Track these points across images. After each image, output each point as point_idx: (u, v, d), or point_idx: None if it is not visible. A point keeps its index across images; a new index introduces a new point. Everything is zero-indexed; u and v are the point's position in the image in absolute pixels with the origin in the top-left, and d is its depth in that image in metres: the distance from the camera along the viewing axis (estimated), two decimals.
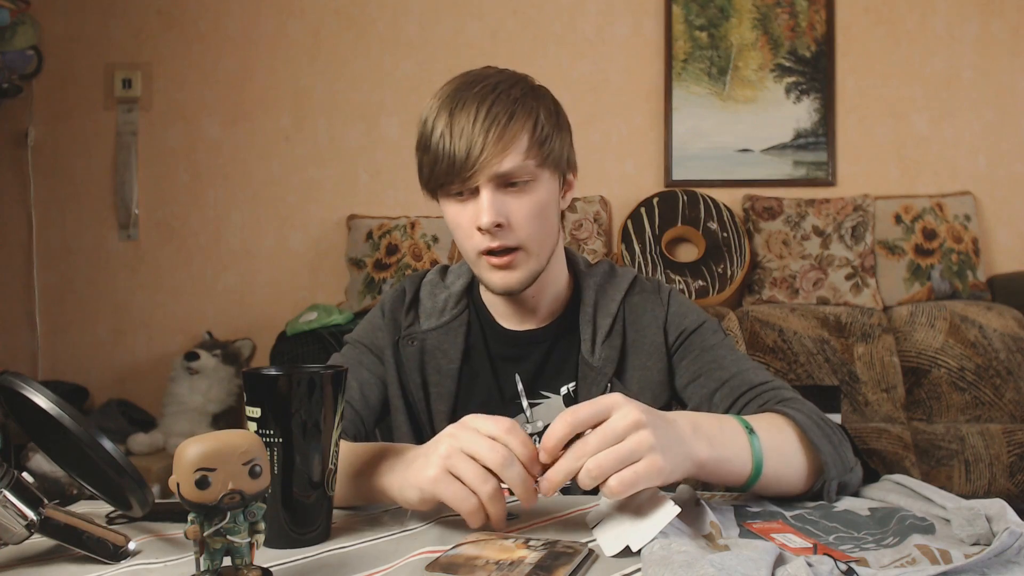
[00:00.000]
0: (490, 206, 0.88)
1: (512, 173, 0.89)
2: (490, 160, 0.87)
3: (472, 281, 1.06)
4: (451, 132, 0.88)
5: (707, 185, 2.85)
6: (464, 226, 0.92)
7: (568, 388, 1.00)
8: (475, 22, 2.97)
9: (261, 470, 0.55)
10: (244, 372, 0.69)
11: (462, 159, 0.87)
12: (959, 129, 2.83)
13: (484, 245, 0.91)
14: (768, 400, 0.90)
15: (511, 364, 1.01)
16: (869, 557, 0.61)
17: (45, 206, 3.06)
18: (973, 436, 2.24)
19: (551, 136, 0.92)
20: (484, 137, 0.86)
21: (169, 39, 3.04)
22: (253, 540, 0.55)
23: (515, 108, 0.89)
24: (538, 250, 0.93)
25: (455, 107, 0.89)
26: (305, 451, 0.68)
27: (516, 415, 1.00)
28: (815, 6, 2.85)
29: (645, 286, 1.04)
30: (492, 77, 0.92)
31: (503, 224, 0.89)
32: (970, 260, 2.66)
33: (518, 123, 0.88)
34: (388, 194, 2.98)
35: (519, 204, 0.90)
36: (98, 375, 3.00)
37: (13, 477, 0.62)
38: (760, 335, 2.44)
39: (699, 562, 0.55)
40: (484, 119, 0.87)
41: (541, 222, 0.92)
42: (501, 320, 1.03)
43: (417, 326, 1.02)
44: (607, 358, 0.98)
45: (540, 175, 0.91)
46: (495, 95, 0.89)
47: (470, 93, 0.89)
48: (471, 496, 0.65)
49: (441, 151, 0.89)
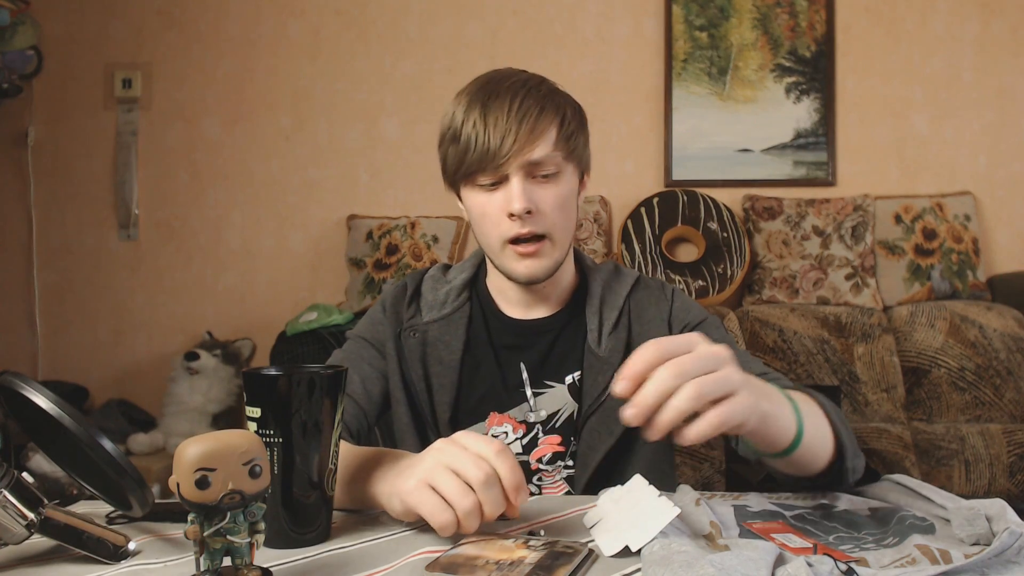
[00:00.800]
0: (521, 193, 0.92)
1: (542, 162, 0.93)
2: (522, 148, 0.91)
3: (476, 274, 1.08)
4: (485, 122, 0.92)
5: (707, 185, 2.85)
6: (492, 215, 0.95)
7: (573, 377, 1.01)
8: (475, 22, 2.97)
9: (261, 470, 0.55)
10: (244, 372, 0.69)
11: (496, 147, 0.91)
12: (959, 129, 2.83)
13: (513, 232, 0.94)
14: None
15: (516, 353, 1.03)
16: (869, 557, 0.61)
17: (45, 206, 3.06)
18: (973, 436, 2.24)
19: (576, 133, 0.97)
20: (518, 127, 0.91)
21: (169, 39, 3.04)
22: (253, 540, 0.55)
23: (545, 103, 0.93)
24: (562, 240, 0.97)
25: (488, 99, 0.93)
26: (305, 451, 0.68)
27: (519, 403, 1.01)
28: (815, 6, 2.85)
29: (649, 283, 1.07)
30: (519, 75, 0.97)
31: (532, 211, 0.93)
32: (970, 260, 2.66)
33: (548, 116, 0.93)
34: (388, 194, 2.98)
35: (546, 193, 0.94)
36: (98, 375, 3.00)
37: (13, 477, 0.62)
38: (760, 335, 2.44)
39: (699, 562, 0.55)
40: (518, 110, 0.91)
41: (565, 213, 0.96)
42: (508, 309, 1.05)
43: (419, 318, 1.04)
44: (614, 348, 1.00)
45: (565, 168, 0.96)
46: (526, 90, 0.93)
47: (502, 87, 0.94)
48: (447, 510, 0.64)
49: (474, 140, 0.92)
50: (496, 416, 1.01)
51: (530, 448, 1.00)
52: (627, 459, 0.99)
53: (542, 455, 1.00)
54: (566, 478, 1.00)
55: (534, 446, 1.00)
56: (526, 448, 1.00)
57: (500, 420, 1.00)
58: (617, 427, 0.96)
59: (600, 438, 0.97)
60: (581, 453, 0.98)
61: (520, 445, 1.00)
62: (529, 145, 0.91)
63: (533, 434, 1.00)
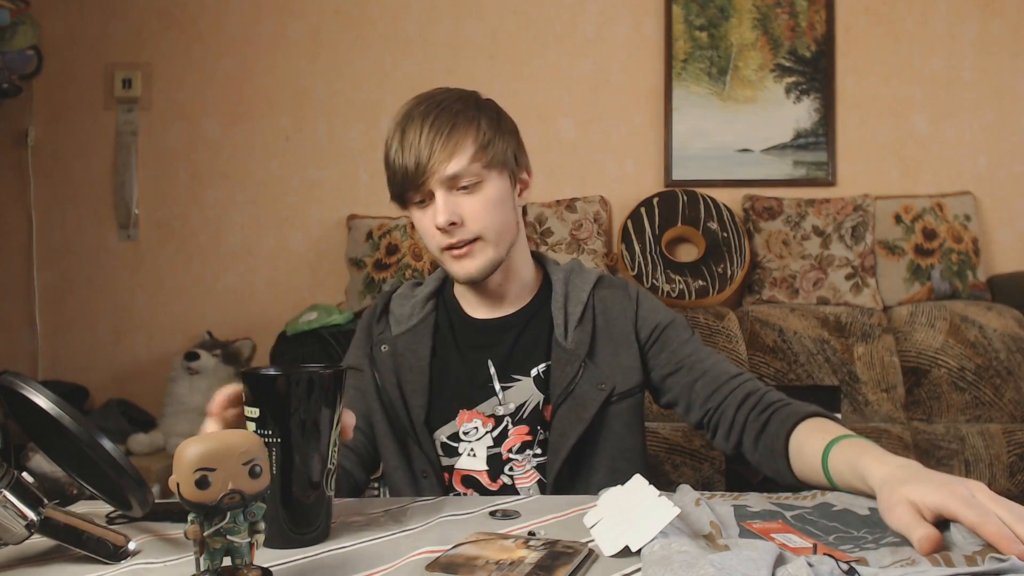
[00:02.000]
0: (444, 207, 0.99)
1: (459, 175, 0.99)
2: (437, 166, 0.98)
3: (441, 285, 1.16)
4: (403, 146, 1.00)
5: (707, 185, 2.85)
6: (426, 228, 1.03)
7: (538, 370, 1.07)
8: (475, 22, 2.97)
9: (261, 470, 0.55)
10: (242, 372, 0.69)
11: (413, 168, 0.99)
12: (959, 129, 2.83)
13: (445, 242, 1.01)
14: (749, 393, 0.99)
15: (483, 351, 1.09)
16: (869, 557, 0.61)
17: (45, 206, 3.06)
18: (973, 436, 2.24)
19: (494, 140, 1.02)
20: (430, 147, 0.98)
21: (169, 39, 3.04)
22: (253, 540, 0.55)
23: (456, 119, 0.99)
24: (496, 240, 1.03)
25: (405, 124, 1.00)
26: (304, 451, 0.68)
27: (489, 399, 1.06)
28: (815, 6, 2.85)
29: (613, 282, 1.14)
30: (437, 95, 1.03)
31: (457, 222, 1.00)
32: (970, 260, 2.66)
33: (459, 131, 0.99)
34: (388, 194, 2.97)
35: (471, 203, 1.00)
36: (98, 375, 3.00)
37: (13, 477, 0.62)
38: (760, 335, 2.44)
39: (699, 562, 0.55)
40: (429, 131, 0.98)
41: (494, 216, 1.02)
42: (472, 311, 1.12)
43: (388, 333, 1.12)
44: (580, 341, 1.06)
45: (488, 175, 1.01)
46: (438, 110, 1.00)
47: (417, 111, 1.01)
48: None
49: (397, 165, 1.01)
50: (465, 413, 1.06)
51: (501, 440, 1.05)
52: (597, 447, 1.05)
53: (512, 445, 1.05)
54: (536, 466, 1.05)
55: (505, 437, 1.06)
56: (496, 440, 1.05)
57: (469, 416, 1.06)
58: (586, 415, 1.02)
59: (571, 426, 1.02)
60: (553, 441, 1.03)
61: (491, 438, 1.06)
62: (444, 162, 0.98)
63: (503, 427, 1.06)
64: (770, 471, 0.94)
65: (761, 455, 0.95)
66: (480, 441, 1.05)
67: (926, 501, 0.64)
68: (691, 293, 2.64)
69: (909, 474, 0.69)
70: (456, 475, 1.06)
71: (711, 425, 1.03)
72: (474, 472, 1.06)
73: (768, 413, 0.95)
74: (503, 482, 1.05)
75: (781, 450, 0.91)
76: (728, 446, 1.01)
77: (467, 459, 1.06)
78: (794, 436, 0.90)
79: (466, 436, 1.06)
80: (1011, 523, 0.59)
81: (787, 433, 0.90)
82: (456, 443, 1.06)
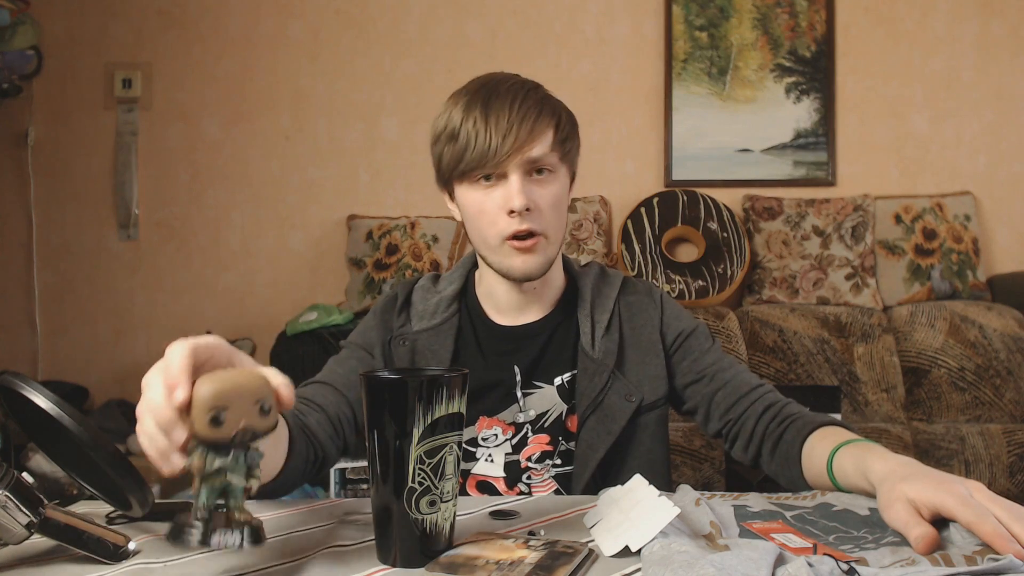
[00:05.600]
0: (521, 190, 0.94)
1: (540, 160, 0.96)
2: (522, 147, 0.94)
3: (464, 286, 1.10)
4: (486, 121, 0.94)
5: (707, 185, 2.85)
6: (490, 211, 0.97)
7: (562, 379, 1.04)
8: (475, 22, 2.97)
9: (270, 408, 0.56)
10: (363, 375, 0.65)
11: (497, 145, 0.93)
12: (959, 129, 2.83)
13: (512, 229, 0.96)
14: (769, 405, 0.98)
15: (507, 358, 1.05)
16: (869, 557, 0.61)
17: (45, 206, 3.06)
18: (973, 436, 2.24)
19: (570, 137, 1.00)
20: (519, 125, 0.94)
21: (169, 39, 3.04)
22: (249, 484, 0.56)
23: (543, 106, 0.97)
24: (555, 238, 1.00)
25: (489, 99, 0.96)
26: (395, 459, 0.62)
27: (510, 406, 1.03)
28: (815, 6, 2.85)
29: (637, 287, 1.10)
30: (516, 78, 1.00)
31: (531, 208, 0.95)
32: (970, 260, 2.66)
33: (545, 118, 0.96)
34: (388, 194, 2.98)
35: (543, 192, 0.97)
36: (98, 375, 3.00)
37: (13, 477, 0.62)
38: (760, 335, 2.44)
39: (699, 562, 0.55)
40: (518, 110, 0.94)
41: (558, 213, 0.99)
42: (498, 317, 1.07)
43: (408, 327, 1.07)
44: (607, 351, 1.03)
45: (559, 169, 0.99)
46: (525, 92, 0.97)
47: (502, 88, 0.97)
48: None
49: (475, 138, 0.94)
50: (485, 420, 1.03)
51: (520, 447, 1.03)
52: (625, 458, 1.02)
53: (531, 454, 1.02)
54: (555, 476, 1.03)
55: (524, 445, 1.03)
56: (516, 448, 1.02)
57: (489, 424, 1.03)
58: (615, 426, 0.99)
59: (600, 438, 0.99)
60: (580, 453, 1.00)
61: (510, 445, 1.03)
62: (528, 144, 0.94)
63: (523, 434, 1.03)
64: (786, 481, 0.93)
65: (778, 465, 0.95)
66: (499, 447, 1.03)
67: (924, 499, 0.64)
68: (691, 293, 2.64)
69: (909, 471, 0.69)
70: (471, 480, 1.04)
71: (730, 436, 1.02)
72: (491, 478, 1.03)
73: (785, 424, 0.95)
74: (520, 490, 1.02)
75: (795, 456, 0.90)
76: (747, 458, 0.99)
77: (484, 464, 1.03)
78: (807, 443, 0.90)
79: (484, 442, 1.03)
80: (1008, 522, 0.59)
81: (802, 440, 0.90)
82: (474, 448, 1.03)
